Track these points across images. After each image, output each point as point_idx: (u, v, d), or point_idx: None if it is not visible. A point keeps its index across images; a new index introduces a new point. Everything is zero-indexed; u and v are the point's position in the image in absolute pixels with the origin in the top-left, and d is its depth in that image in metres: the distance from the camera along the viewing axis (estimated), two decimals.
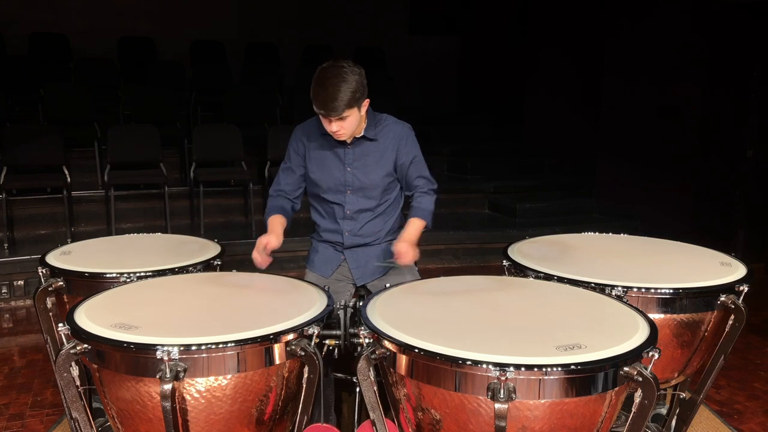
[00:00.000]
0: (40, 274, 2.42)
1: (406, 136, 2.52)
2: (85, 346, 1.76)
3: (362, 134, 2.46)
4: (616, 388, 1.63)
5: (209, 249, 2.65)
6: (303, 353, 1.79)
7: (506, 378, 1.50)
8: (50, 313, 2.52)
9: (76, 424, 1.92)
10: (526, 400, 1.55)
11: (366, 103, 2.35)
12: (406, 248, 2.36)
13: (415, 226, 2.45)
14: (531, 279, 2.29)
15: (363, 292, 2.63)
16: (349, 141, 2.45)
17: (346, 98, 2.22)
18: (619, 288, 2.08)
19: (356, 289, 2.64)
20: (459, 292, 2.15)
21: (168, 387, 1.62)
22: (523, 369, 1.52)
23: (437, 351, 1.60)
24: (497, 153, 7.86)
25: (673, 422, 2.52)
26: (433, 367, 1.62)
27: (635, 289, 2.10)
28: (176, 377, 1.64)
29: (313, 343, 1.82)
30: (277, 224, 2.50)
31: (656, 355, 1.62)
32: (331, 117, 2.27)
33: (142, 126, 6.05)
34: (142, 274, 2.32)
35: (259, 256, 2.43)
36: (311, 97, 2.28)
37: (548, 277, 2.25)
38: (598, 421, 1.66)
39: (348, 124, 2.31)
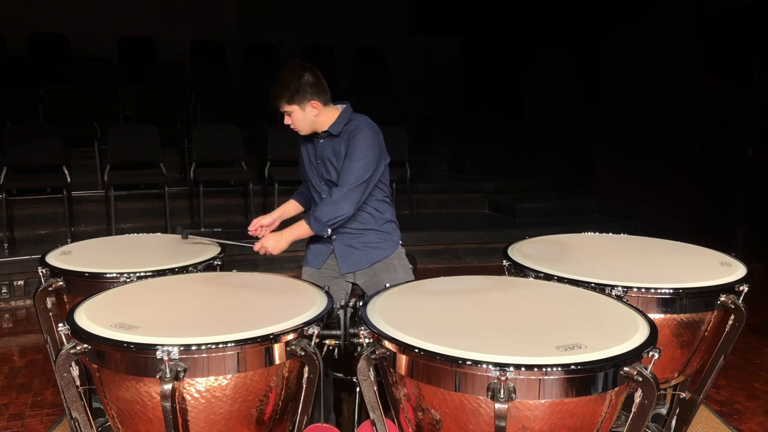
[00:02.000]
0: (40, 274, 2.42)
1: (357, 133, 2.51)
2: (85, 346, 1.76)
3: (327, 129, 2.55)
4: (616, 388, 1.63)
5: (209, 249, 2.65)
6: (303, 353, 1.80)
7: (506, 378, 1.51)
8: (50, 313, 2.53)
9: (76, 424, 1.92)
10: (526, 400, 1.55)
11: (313, 103, 2.47)
12: (267, 239, 2.52)
13: (293, 226, 2.55)
14: (531, 279, 2.29)
15: (359, 291, 2.65)
16: (319, 133, 2.60)
17: (281, 96, 2.46)
18: (619, 288, 2.08)
19: (353, 288, 2.67)
20: (459, 292, 2.15)
21: (168, 387, 1.63)
22: (523, 369, 1.52)
23: (437, 351, 1.60)
24: (497, 153, 7.86)
25: (673, 422, 2.52)
26: (433, 367, 1.62)
27: (635, 289, 2.10)
28: (176, 377, 1.64)
29: (313, 343, 1.82)
30: (280, 207, 2.82)
31: (656, 355, 1.62)
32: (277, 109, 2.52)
33: (142, 126, 6.05)
34: (142, 274, 2.32)
35: (252, 227, 2.68)
36: None
37: (548, 277, 2.25)
38: (598, 421, 1.66)
39: (293, 120, 2.52)
